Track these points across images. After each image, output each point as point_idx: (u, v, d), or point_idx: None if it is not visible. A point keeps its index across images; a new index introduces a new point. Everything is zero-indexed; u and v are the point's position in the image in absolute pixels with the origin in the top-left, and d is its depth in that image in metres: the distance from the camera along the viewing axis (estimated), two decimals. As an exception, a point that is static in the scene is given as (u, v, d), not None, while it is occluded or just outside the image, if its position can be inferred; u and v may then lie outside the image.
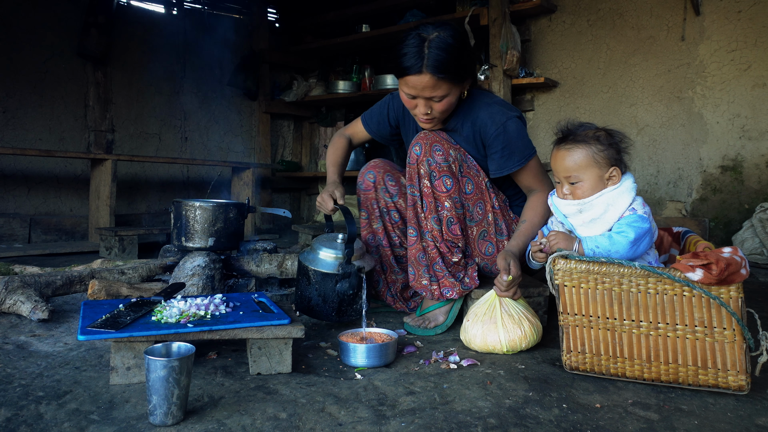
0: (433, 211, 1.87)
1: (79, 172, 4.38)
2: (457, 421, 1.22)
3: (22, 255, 3.43)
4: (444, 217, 1.88)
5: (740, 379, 1.36)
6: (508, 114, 1.88)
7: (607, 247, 1.52)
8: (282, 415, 1.24)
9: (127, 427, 1.17)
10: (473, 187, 1.91)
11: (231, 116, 5.40)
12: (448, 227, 1.89)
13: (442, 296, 1.92)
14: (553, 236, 1.61)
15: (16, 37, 4.06)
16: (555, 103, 4.29)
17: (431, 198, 1.86)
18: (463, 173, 1.89)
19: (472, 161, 1.92)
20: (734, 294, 1.35)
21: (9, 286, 1.94)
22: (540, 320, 1.80)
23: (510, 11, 3.96)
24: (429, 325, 1.94)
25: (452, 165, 1.86)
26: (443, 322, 1.95)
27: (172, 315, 1.49)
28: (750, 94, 3.54)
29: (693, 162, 3.75)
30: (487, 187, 1.93)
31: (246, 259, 2.35)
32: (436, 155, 1.83)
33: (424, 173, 1.84)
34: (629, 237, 1.51)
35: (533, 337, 1.70)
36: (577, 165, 1.60)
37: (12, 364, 1.53)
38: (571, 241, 1.58)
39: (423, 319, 1.97)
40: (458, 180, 1.88)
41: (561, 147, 1.64)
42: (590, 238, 1.56)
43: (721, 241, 3.60)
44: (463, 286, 1.93)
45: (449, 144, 1.87)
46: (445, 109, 1.86)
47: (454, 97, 1.84)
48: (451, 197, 1.87)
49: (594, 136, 1.60)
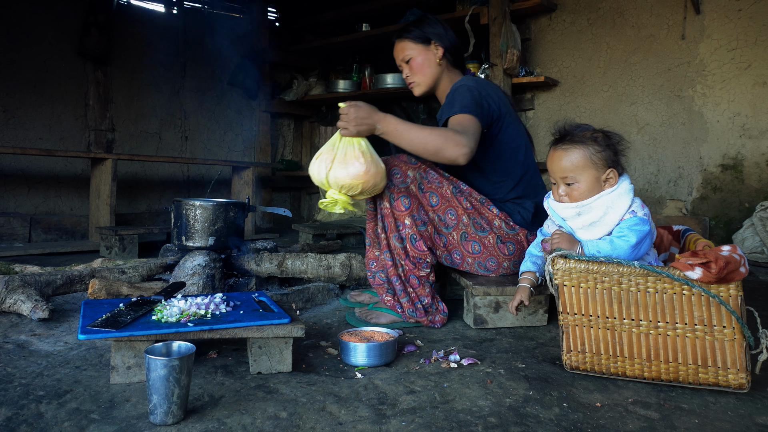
0: (393, 230, 1.96)
1: (80, 172, 4.38)
2: (458, 420, 1.23)
3: (23, 254, 3.43)
4: (406, 234, 1.96)
5: (740, 377, 1.36)
6: (466, 80, 2.03)
7: (608, 251, 1.51)
8: (282, 414, 1.24)
9: (127, 426, 1.17)
10: (438, 198, 2.00)
11: (231, 115, 5.41)
12: (413, 244, 1.97)
13: (393, 308, 2.02)
14: (557, 236, 1.60)
15: (17, 37, 4.06)
16: (555, 102, 4.29)
17: (391, 218, 1.96)
18: (424, 189, 1.98)
19: (433, 175, 2.00)
20: (734, 292, 1.35)
21: (9, 285, 1.94)
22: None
23: (510, 10, 3.96)
24: (370, 320, 2.04)
25: (411, 185, 1.96)
26: (383, 324, 2.01)
27: (173, 314, 1.49)
28: (750, 93, 3.54)
29: (693, 161, 3.74)
30: (453, 194, 2.00)
31: (246, 258, 2.35)
32: (395, 178, 1.94)
33: (384, 196, 1.95)
34: (631, 241, 1.49)
35: (376, 177, 1.80)
36: (573, 166, 1.58)
37: (12, 364, 1.53)
38: (574, 244, 1.57)
39: (369, 313, 2.07)
40: (419, 197, 1.97)
41: (558, 147, 1.63)
42: (592, 243, 1.55)
43: (722, 239, 3.60)
44: (418, 315, 1.99)
45: (407, 165, 1.97)
46: (418, 72, 2.14)
47: (422, 59, 2.13)
48: (411, 215, 1.95)
49: (591, 137, 1.59)
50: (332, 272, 2.37)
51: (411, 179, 1.96)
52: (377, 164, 1.83)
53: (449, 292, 2.44)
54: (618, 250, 1.50)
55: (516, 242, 2.06)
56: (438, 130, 1.86)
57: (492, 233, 2.03)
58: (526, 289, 1.78)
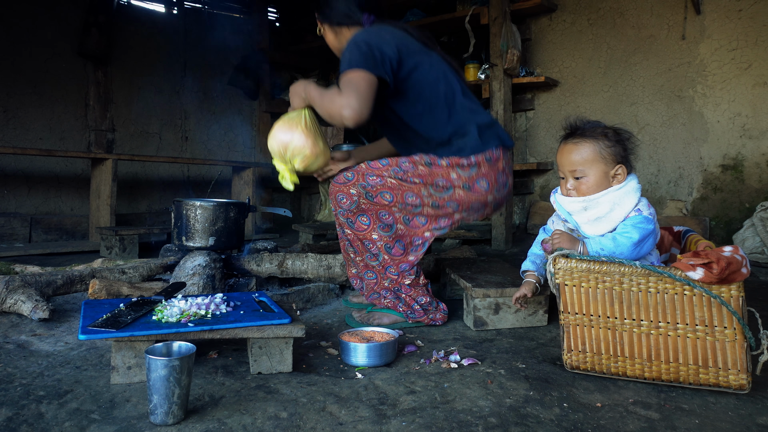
0: (364, 251, 1.97)
1: (80, 172, 4.38)
2: (458, 420, 1.22)
3: (23, 254, 3.43)
4: (379, 249, 1.94)
5: (741, 378, 1.36)
6: (356, 34, 1.96)
7: (611, 248, 1.51)
8: (283, 415, 1.24)
9: (128, 427, 1.17)
10: (389, 193, 1.91)
11: (231, 115, 5.40)
12: (389, 253, 1.95)
13: (395, 308, 2.02)
14: (557, 236, 1.61)
15: (17, 37, 4.07)
16: (555, 102, 4.29)
17: (358, 241, 1.96)
18: (373, 196, 1.90)
19: (372, 177, 1.91)
20: (735, 293, 1.35)
21: (10, 285, 1.94)
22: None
23: (510, 10, 3.96)
24: (372, 322, 2.03)
25: (359, 201, 1.90)
26: (386, 324, 2.00)
27: (173, 314, 1.49)
28: (750, 93, 3.54)
29: (694, 161, 3.74)
30: (398, 179, 1.91)
31: (246, 259, 2.35)
32: (342, 203, 1.92)
33: (342, 222, 1.95)
34: (633, 238, 1.50)
35: (314, 149, 1.93)
36: (583, 159, 1.60)
37: (13, 364, 1.53)
38: (574, 243, 1.58)
39: (370, 316, 2.06)
40: (372, 206, 1.91)
41: (568, 141, 1.65)
42: (594, 241, 1.55)
43: (722, 240, 3.60)
44: (418, 316, 2.00)
45: (346, 184, 1.92)
46: (330, 44, 2.18)
47: (330, 35, 2.14)
48: (374, 229, 1.93)
49: (602, 132, 1.61)
50: (332, 272, 2.36)
51: (356, 195, 1.90)
52: (315, 136, 1.94)
53: (449, 292, 2.44)
54: (621, 247, 1.51)
55: (482, 175, 1.95)
56: (328, 95, 1.84)
57: (456, 187, 1.94)
58: (531, 283, 1.80)
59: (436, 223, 1.97)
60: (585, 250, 1.55)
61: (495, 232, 3.92)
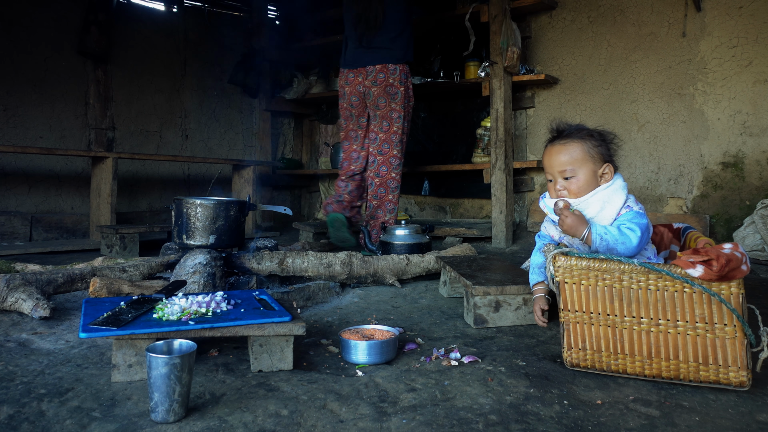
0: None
1: (80, 170, 4.38)
2: (458, 417, 1.23)
3: (24, 253, 3.43)
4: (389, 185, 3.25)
5: (741, 375, 1.36)
6: None
7: (615, 236, 1.52)
8: (283, 412, 1.24)
9: (128, 425, 1.18)
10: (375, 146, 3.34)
11: (231, 114, 5.41)
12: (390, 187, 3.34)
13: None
14: (566, 213, 1.57)
15: (17, 35, 4.06)
16: (555, 99, 4.29)
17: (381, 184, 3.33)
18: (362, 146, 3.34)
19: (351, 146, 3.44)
20: (735, 290, 1.35)
21: (10, 283, 1.95)
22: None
23: (510, 8, 3.95)
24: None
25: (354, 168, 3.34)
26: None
27: (174, 312, 1.49)
28: (751, 91, 3.54)
29: (694, 158, 3.74)
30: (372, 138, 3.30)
31: (247, 257, 2.35)
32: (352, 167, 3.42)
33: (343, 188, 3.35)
34: (637, 233, 1.53)
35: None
36: (572, 159, 1.62)
37: (14, 362, 1.53)
38: (582, 223, 1.56)
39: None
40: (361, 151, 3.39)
41: (555, 143, 1.69)
42: (600, 225, 1.56)
43: (722, 237, 3.60)
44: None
45: (350, 150, 3.30)
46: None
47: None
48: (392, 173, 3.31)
49: (588, 133, 1.66)
50: (333, 270, 2.37)
51: (356, 159, 3.47)
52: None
53: (450, 290, 2.44)
54: (626, 241, 1.52)
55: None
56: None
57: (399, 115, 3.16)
58: (541, 298, 1.76)
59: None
60: (590, 237, 1.54)
61: (495, 230, 3.92)
